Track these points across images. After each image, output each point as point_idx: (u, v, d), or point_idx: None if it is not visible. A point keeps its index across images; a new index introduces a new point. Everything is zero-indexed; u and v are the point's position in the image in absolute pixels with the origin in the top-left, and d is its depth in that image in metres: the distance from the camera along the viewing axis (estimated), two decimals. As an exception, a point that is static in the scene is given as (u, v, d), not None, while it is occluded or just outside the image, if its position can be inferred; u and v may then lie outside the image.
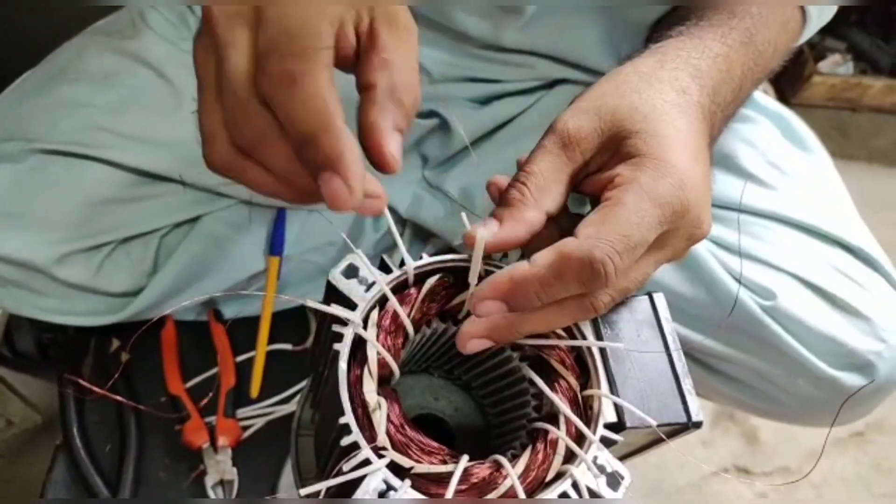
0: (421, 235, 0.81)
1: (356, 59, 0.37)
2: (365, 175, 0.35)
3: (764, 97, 0.82)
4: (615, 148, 0.41)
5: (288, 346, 0.87)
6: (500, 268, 0.40)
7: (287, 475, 0.79)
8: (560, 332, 0.42)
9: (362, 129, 0.37)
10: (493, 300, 0.38)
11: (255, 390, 0.83)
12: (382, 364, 0.39)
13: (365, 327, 0.39)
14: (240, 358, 0.85)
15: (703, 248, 0.70)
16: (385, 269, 0.41)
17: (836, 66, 1.73)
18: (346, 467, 0.35)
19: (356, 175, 0.34)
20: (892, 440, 1.30)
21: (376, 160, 0.36)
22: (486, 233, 0.39)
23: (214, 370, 0.84)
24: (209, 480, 0.77)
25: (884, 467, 1.27)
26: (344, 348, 0.38)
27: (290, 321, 0.87)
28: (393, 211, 0.80)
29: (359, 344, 0.39)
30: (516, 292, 0.38)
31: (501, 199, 0.41)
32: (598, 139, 0.42)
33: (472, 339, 0.39)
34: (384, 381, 0.40)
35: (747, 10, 0.53)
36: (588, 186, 0.43)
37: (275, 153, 0.35)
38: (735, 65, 0.49)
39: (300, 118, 0.34)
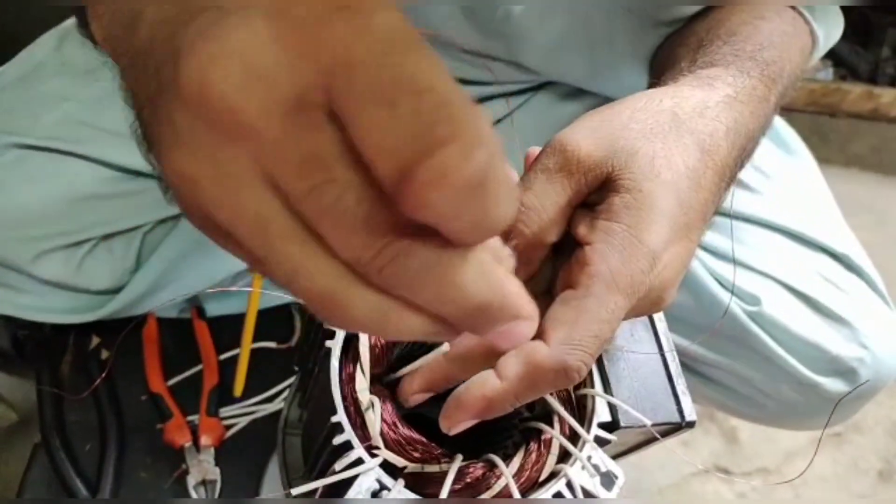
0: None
1: None
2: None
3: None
4: (609, 188, 0.38)
5: (272, 345, 0.86)
6: None
7: (271, 475, 0.79)
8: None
9: None
10: (467, 420, 0.36)
11: (238, 389, 0.82)
12: (375, 362, 0.39)
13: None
14: (223, 356, 0.84)
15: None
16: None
17: (816, 72, 1.76)
18: (338, 466, 0.34)
19: (535, 317, 0.26)
20: (870, 440, 1.32)
21: None
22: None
23: (197, 368, 0.83)
24: (191, 480, 0.76)
25: (861, 467, 1.28)
26: (336, 345, 0.37)
27: (275, 319, 0.86)
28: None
29: (350, 341, 0.38)
30: (491, 409, 0.35)
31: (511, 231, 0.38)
32: (604, 174, 0.38)
33: (451, 427, 0.37)
34: (377, 380, 0.40)
35: (772, 41, 0.50)
36: (574, 220, 0.39)
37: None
38: (768, 110, 0.46)
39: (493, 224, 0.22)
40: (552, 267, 0.40)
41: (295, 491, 0.35)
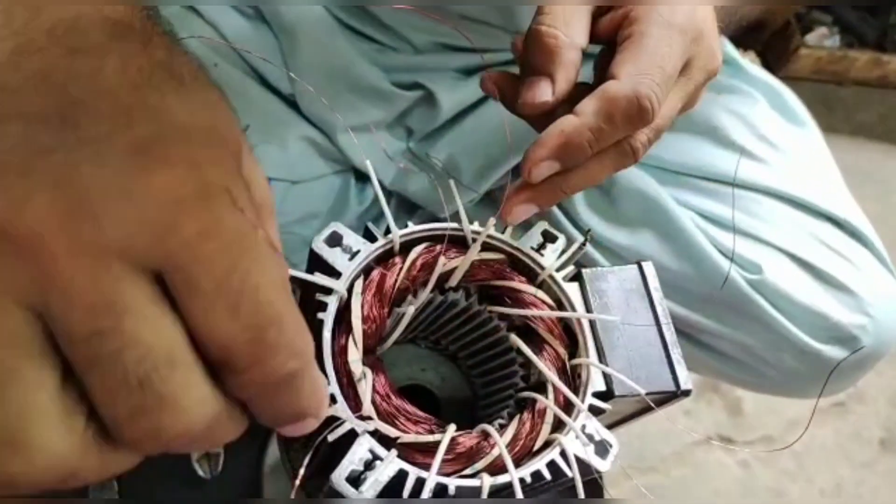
0: (406, 207, 0.80)
1: None
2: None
3: (754, 67, 0.81)
4: None
5: (272, 319, 0.86)
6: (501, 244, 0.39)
7: (274, 447, 0.79)
8: (549, 301, 0.42)
9: None
10: (548, 160, 0.37)
11: (239, 363, 0.82)
12: (368, 334, 0.38)
13: (349, 296, 0.38)
14: (224, 330, 0.84)
15: (689, 221, 0.70)
16: (370, 237, 0.40)
17: (822, 39, 1.73)
18: (330, 437, 0.34)
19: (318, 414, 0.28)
20: (873, 410, 1.32)
21: None
22: (545, 94, 0.38)
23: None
24: (194, 454, 0.77)
25: (864, 436, 1.29)
26: (328, 317, 0.37)
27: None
28: (378, 183, 0.79)
29: (343, 313, 0.38)
30: (570, 146, 0.36)
31: (536, 48, 0.39)
32: None
33: (518, 205, 0.38)
34: (370, 351, 0.40)
35: None
36: (602, 27, 0.41)
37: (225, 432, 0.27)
38: None
39: (304, 404, 0.26)
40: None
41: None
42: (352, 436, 0.34)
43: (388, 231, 0.40)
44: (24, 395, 0.20)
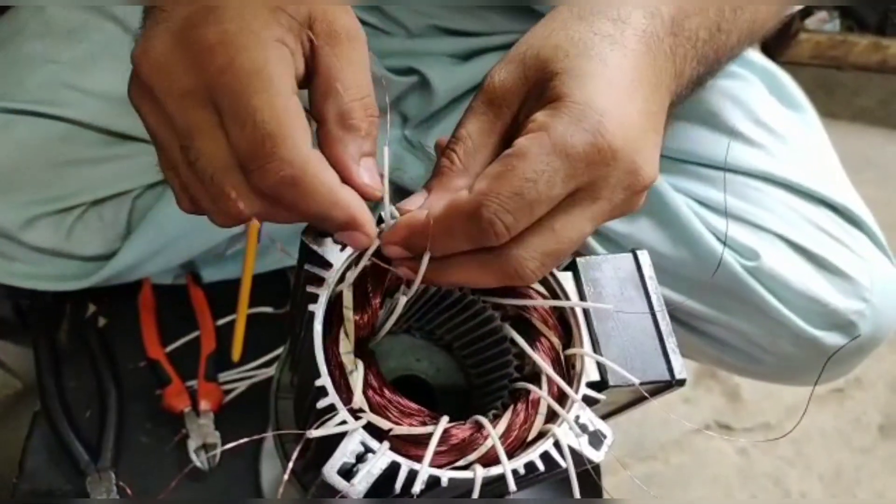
0: (401, 196, 0.80)
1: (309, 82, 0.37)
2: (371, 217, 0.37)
3: (752, 52, 0.80)
4: (541, 92, 0.38)
5: (269, 310, 0.86)
6: None
7: (271, 439, 0.79)
8: (543, 291, 0.41)
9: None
10: (396, 245, 0.38)
11: (236, 354, 0.82)
12: (360, 325, 0.38)
13: (341, 288, 0.38)
14: (220, 321, 0.84)
15: (686, 208, 0.70)
16: (362, 227, 0.40)
17: (822, 23, 1.71)
18: (321, 430, 0.34)
19: (370, 225, 0.36)
20: (871, 396, 1.32)
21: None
22: (414, 205, 0.38)
23: (195, 334, 0.83)
24: (192, 444, 0.77)
25: (862, 422, 1.29)
26: (319, 309, 0.37)
27: (271, 284, 0.86)
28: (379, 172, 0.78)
29: (335, 305, 0.38)
30: (412, 239, 0.37)
31: (434, 168, 0.39)
32: (524, 87, 0.39)
33: (399, 268, 0.38)
34: (363, 343, 0.39)
35: None
36: (517, 137, 0.39)
37: (277, 217, 0.37)
38: (710, 2, 0.44)
39: (310, 208, 0.35)
40: None
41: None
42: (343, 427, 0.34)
43: (380, 221, 0.40)
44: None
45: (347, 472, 0.34)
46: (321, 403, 0.35)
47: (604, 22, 0.39)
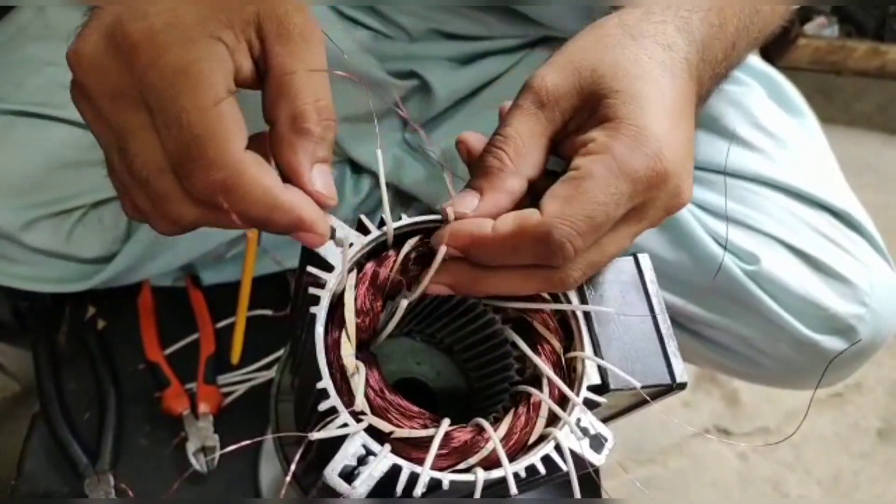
0: (401, 199, 0.80)
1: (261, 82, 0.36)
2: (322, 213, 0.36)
3: (752, 58, 0.80)
4: (593, 108, 0.39)
5: (268, 312, 0.86)
6: None
7: (270, 442, 0.79)
8: (545, 295, 0.41)
9: (281, 172, 0.35)
10: (450, 244, 0.37)
11: (235, 357, 0.82)
12: (361, 328, 0.38)
13: (342, 290, 0.38)
14: (219, 324, 0.84)
15: (686, 212, 0.70)
16: (363, 230, 0.40)
17: (821, 29, 1.72)
18: (322, 433, 0.34)
19: (320, 224, 0.35)
20: (870, 400, 1.32)
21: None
22: (467, 207, 0.37)
23: (194, 337, 0.83)
24: (191, 447, 0.77)
25: (861, 427, 1.29)
26: (321, 311, 0.37)
27: (271, 286, 0.86)
28: (373, 174, 0.79)
29: (336, 307, 0.38)
30: (474, 250, 0.37)
31: (479, 168, 0.39)
32: (577, 98, 0.39)
33: (435, 284, 0.38)
34: (364, 346, 0.39)
35: None
36: (565, 148, 0.40)
37: (220, 222, 0.36)
38: (729, 20, 0.46)
39: (249, 212, 0.34)
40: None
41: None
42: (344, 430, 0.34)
43: (381, 223, 0.40)
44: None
45: (349, 475, 0.33)
46: (322, 406, 0.34)
47: (656, 47, 0.40)
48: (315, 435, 0.34)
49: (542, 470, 0.35)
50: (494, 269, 0.37)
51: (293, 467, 0.33)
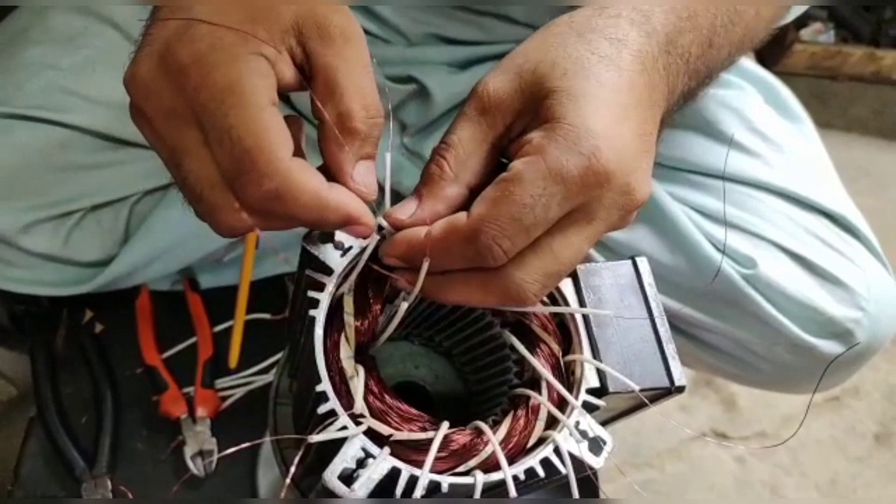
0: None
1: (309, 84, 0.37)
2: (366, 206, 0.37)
3: (749, 62, 0.81)
4: (536, 109, 0.37)
5: (266, 316, 0.86)
6: None
7: (268, 445, 0.79)
8: (543, 298, 0.41)
9: (327, 170, 0.37)
10: (391, 255, 0.38)
11: (233, 360, 0.82)
12: (360, 331, 0.38)
13: (341, 293, 0.38)
14: (217, 328, 0.84)
15: (683, 216, 0.70)
16: (363, 233, 0.40)
17: (817, 34, 1.73)
18: (321, 436, 0.34)
19: (367, 216, 0.37)
20: (867, 404, 1.32)
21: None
22: (405, 214, 0.38)
23: (192, 340, 0.83)
24: (188, 451, 0.77)
25: (858, 431, 1.29)
26: (319, 315, 0.37)
27: (269, 290, 0.86)
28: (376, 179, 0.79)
29: (335, 310, 0.38)
30: (411, 254, 0.37)
31: (422, 175, 0.39)
32: (519, 101, 0.38)
33: (398, 280, 0.39)
34: (363, 349, 0.39)
35: None
36: (511, 152, 0.39)
37: (277, 226, 0.37)
38: (701, 14, 0.44)
39: (301, 216, 0.35)
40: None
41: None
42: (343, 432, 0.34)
43: (380, 227, 0.40)
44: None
45: (348, 478, 0.34)
46: (322, 409, 0.35)
47: (602, 42, 0.39)
48: (314, 437, 0.34)
49: (541, 472, 0.35)
50: (448, 276, 0.37)
51: (293, 469, 0.33)
